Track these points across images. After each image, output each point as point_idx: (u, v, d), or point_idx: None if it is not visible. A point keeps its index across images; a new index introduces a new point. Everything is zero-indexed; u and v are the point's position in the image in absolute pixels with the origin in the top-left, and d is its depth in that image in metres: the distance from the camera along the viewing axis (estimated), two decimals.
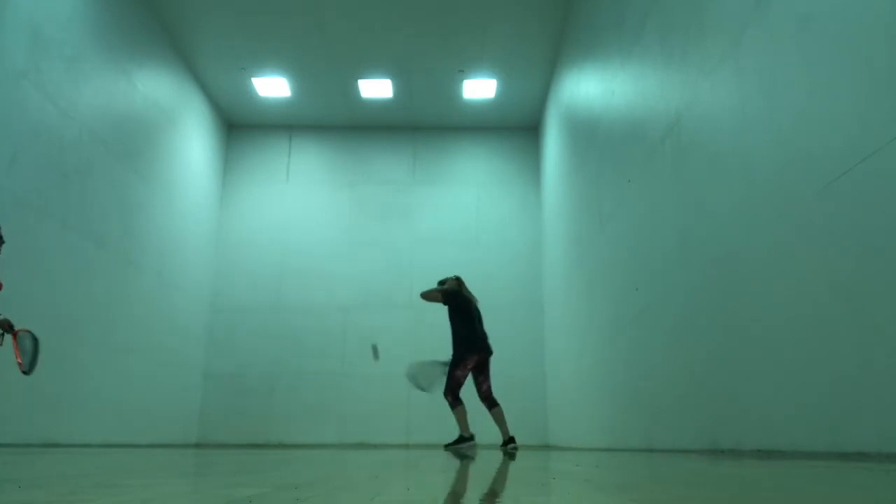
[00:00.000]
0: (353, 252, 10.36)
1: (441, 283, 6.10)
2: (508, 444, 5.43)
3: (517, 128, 10.99)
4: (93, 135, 6.87)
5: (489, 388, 5.70)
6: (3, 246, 4.75)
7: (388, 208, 10.72)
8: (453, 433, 5.74)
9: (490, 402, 5.62)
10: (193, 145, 9.61)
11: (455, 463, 2.98)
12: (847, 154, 2.52)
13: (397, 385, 9.91)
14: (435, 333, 10.04)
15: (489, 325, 10.60)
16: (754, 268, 3.27)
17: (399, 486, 1.68)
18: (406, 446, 8.63)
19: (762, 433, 3.15)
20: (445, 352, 10.87)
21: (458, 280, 6.10)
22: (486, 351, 5.83)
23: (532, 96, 10.09)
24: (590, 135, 6.87)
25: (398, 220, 10.64)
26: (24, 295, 5.68)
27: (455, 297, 5.94)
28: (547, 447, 8.84)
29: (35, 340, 4.53)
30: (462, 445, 5.54)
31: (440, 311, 10.44)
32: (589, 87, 6.97)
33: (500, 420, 5.56)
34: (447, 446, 5.62)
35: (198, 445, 8.91)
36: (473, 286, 10.41)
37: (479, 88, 9.92)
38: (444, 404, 5.75)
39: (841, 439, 2.54)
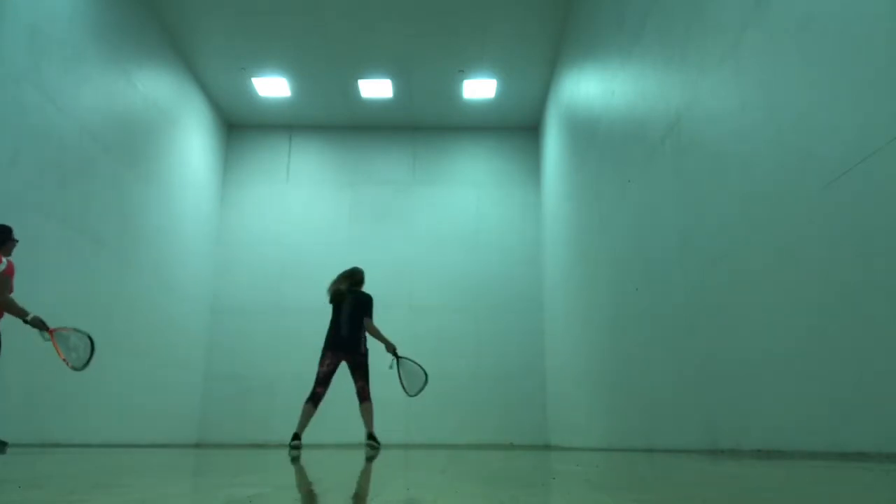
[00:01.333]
0: (352, 252, 10.34)
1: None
2: (370, 440, 5.62)
3: (517, 128, 10.98)
4: (93, 135, 6.86)
5: (363, 388, 5.72)
6: (16, 247, 4.82)
7: (389, 208, 10.72)
8: (455, 433, 5.72)
9: (362, 397, 5.67)
10: (193, 145, 9.60)
11: (452, 462, 2.98)
12: (847, 154, 2.52)
13: (397, 385, 9.90)
14: (434, 334, 10.06)
15: (491, 325, 10.58)
16: (754, 267, 3.27)
17: (399, 486, 1.68)
18: (406, 446, 8.63)
19: (762, 433, 3.15)
20: (442, 354, 10.84)
21: (344, 275, 5.96)
22: (345, 350, 5.67)
23: (532, 96, 10.09)
24: (590, 135, 6.87)
25: (398, 220, 10.64)
26: (24, 295, 5.67)
27: (328, 292, 5.91)
28: (547, 447, 8.84)
29: (89, 340, 4.76)
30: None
31: (439, 312, 10.46)
32: (589, 87, 6.97)
33: (367, 415, 5.67)
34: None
35: (198, 445, 8.92)
36: (474, 286, 10.48)
37: (479, 88, 9.91)
38: (444, 404, 5.74)
39: (841, 439, 2.54)
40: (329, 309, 5.91)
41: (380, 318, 6.02)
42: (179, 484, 1.71)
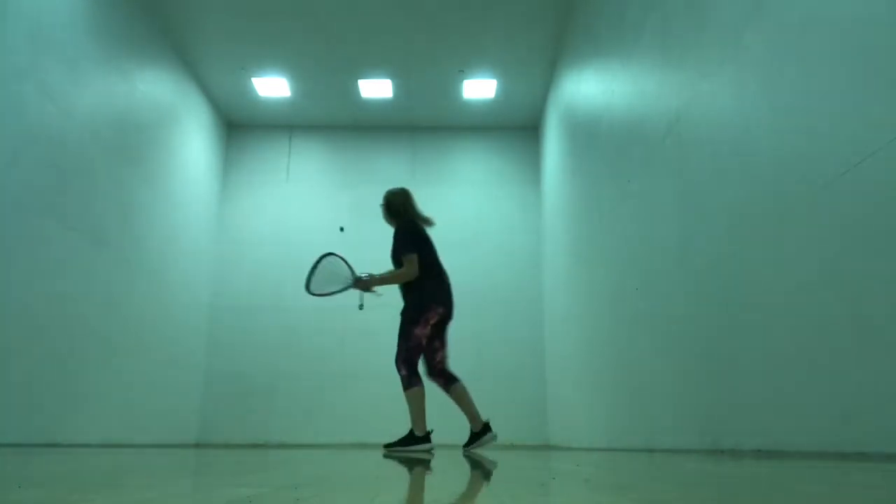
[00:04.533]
0: (352, 251, 10.32)
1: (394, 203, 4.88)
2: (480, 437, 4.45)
3: (517, 128, 10.98)
4: (93, 135, 6.87)
5: (445, 357, 4.56)
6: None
7: None
8: (456, 433, 5.67)
9: (446, 376, 4.60)
10: (193, 145, 9.61)
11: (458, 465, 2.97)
12: (847, 154, 2.52)
13: (397, 384, 9.89)
14: None
15: (491, 325, 10.55)
16: (754, 267, 3.27)
17: (399, 486, 1.68)
18: None
19: (762, 433, 3.15)
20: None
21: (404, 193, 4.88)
22: (452, 304, 4.60)
23: (532, 96, 10.09)
24: (590, 135, 6.87)
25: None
26: (24, 295, 5.68)
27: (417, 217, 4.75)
28: (547, 447, 8.84)
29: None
30: (416, 447, 4.37)
31: None
32: (589, 87, 6.97)
33: (465, 401, 4.49)
34: (389, 446, 4.49)
35: (198, 445, 8.91)
36: (474, 285, 10.48)
37: (479, 88, 9.92)
38: (444, 404, 5.03)
39: (841, 439, 2.54)
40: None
41: (381, 317, 5.82)
42: (179, 484, 1.71)
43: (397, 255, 4.72)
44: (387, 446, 4.58)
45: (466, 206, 10.72)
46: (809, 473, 1.88)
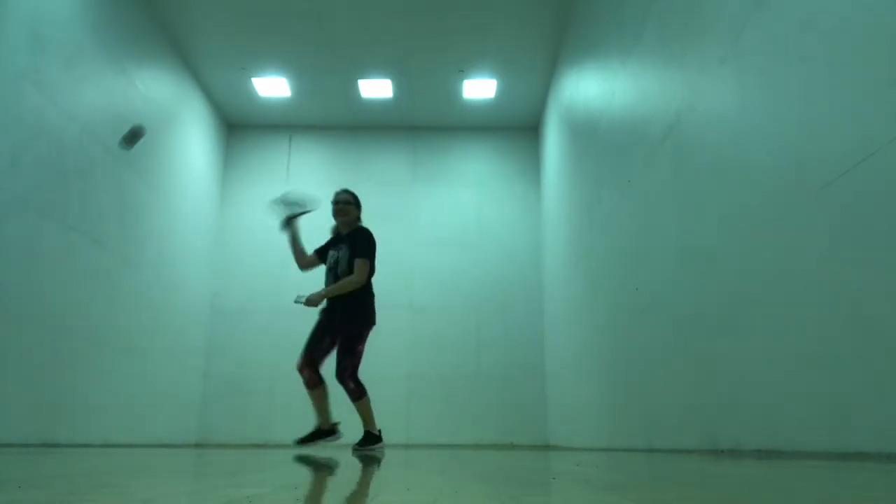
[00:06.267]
0: None
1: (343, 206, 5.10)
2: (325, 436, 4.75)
3: (517, 128, 10.98)
4: (93, 135, 6.86)
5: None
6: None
7: (388, 208, 10.70)
8: (456, 433, 5.65)
9: (318, 376, 4.88)
10: (193, 145, 9.61)
11: (454, 463, 2.97)
12: (847, 154, 2.52)
13: (397, 385, 9.90)
14: (434, 335, 10.06)
15: (491, 325, 10.56)
16: (754, 267, 3.27)
17: (399, 486, 1.68)
18: (406, 446, 8.62)
19: (762, 433, 3.15)
20: (443, 354, 10.75)
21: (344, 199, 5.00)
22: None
23: (532, 96, 10.09)
24: (590, 135, 6.87)
25: (398, 221, 10.63)
26: (24, 295, 5.68)
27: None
28: (547, 447, 8.84)
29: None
30: (375, 446, 4.67)
31: (440, 313, 10.44)
32: (589, 87, 6.97)
33: (323, 403, 4.84)
34: (357, 448, 4.69)
35: (198, 445, 8.91)
36: (474, 286, 10.49)
37: (479, 88, 9.91)
38: (444, 404, 5.17)
39: (841, 439, 2.54)
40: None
41: (381, 320, 5.64)
42: (179, 484, 1.71)
43: (353, 258, 4.92)
44: (355, 447, 4.75)
45: (466, 206, 10.71)
46: (809, 473, 1.88)
